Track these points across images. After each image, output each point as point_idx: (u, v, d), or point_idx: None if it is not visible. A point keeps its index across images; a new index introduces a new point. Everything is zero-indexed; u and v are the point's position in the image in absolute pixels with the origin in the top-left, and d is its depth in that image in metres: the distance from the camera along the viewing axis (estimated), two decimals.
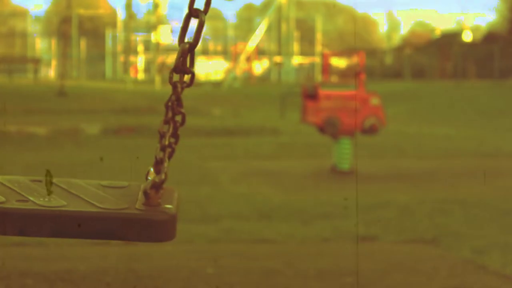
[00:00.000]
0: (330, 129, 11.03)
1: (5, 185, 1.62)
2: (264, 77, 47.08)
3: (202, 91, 33.94)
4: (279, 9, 47.14)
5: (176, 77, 1.72)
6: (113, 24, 50.28)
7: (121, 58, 48.54)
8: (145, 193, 1.58)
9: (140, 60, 49.52)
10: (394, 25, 69.30)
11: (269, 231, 6.38)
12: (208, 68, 48.42)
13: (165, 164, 1.64)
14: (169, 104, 1.75)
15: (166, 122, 1.74)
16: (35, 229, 1.52)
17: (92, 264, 5.01)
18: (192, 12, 1.71)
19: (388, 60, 48.31)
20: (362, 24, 63.08)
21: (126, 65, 44.67)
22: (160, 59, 43.49)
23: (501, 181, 9.71)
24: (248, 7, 64.69)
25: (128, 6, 46.72)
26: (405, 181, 9.76)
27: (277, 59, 47.92)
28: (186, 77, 1.72)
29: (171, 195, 1.64)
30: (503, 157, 12.55)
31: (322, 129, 11.31)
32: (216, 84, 40.37)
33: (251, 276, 4.77)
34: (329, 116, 11.09)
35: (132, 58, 44.06)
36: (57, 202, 1.56)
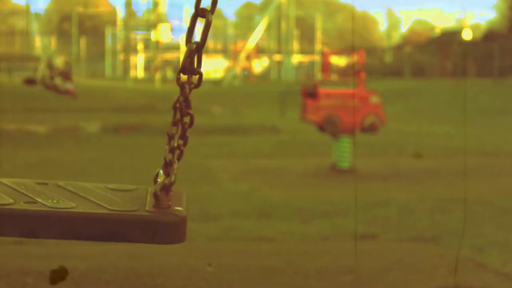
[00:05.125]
0: (330, 127, 11.03)
1: (12, 188, 1.61)
2: (264, 76, 47.09)
3: (202, 90, 33.86)
4: (279, 7, 47.14)
5: (183, 78, 1.69)
6: (113, 23, 50.28)
7: (121, 56, 48.55)
8: (155, 195, 1.57)
9: (139, 58, 49.51)
10: (394, 23, 69.29)
11: (269, 230, 6.38)
12: (208, 67, 48.42)
13: (175, 166, 1.65)
14: (177, 105, 1.69)
15: (174, 123, 1.69)
16: (44, 230, 1.50)
17: (92, 262, 5.01)
18: (199, 12, 1.68)
19: (388, 58, 48.30)
20: (362, 22, 63.05)
21: (126, 64, 44.63)
22: (159, 58, 43.46)
23: (500, 180, 9.71)
24: (248, 6, 64.69)
25: (128, 4, 46.70)
26: (405, 179, 9.76)
27: (277, 57, 47.91)
28: (194, 78, 1.70)
29: (180, 198, 1.64)
30: (503, 155, 12.56)
31: (322, 127, 11.31)
32: (216, 83, 40.37)
33: (251, 274, 4.77)
34: (329, 114, 11.09)
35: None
36: (65, 204, 1.54)
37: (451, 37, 46.42)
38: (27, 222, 1.49)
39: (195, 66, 1.68)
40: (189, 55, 1.67)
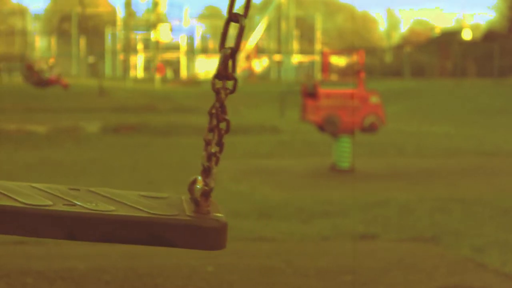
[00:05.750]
0: (329, 127, 11.03)
1: (47, 192, 1.58)
2: (264, 75, 47.12)
3: (202, 90, 33.94)
4: (279, 7, 47.18)
5: (219, 84, 1.68)
6: (113, 23, 50.30)
7: (121, 57, 48.56)
8: (195, 201, 1.57)
9: (139, 58, 49.53)
10: (394, 24, 69.30)
11: (268, 230, 6.38)
12: (208, 67, 48.40)
13: (214, 172, 1.63)
14: (213, 111, 1.69)
15: (211, 129, 1.69)
16: (85, 232, 1.48)
17: (92, 262, 5.01)
18: (232, 17, 1.67)
19: (388, 58, 48.32)
20: (362, 23, 63.08)
21: (126, 64, 44.63)
22: (159, 58, 43.46)
23: (500, 180, 9.71)
24: None
25: (128, 5, 46.71)
26: (405, 179, 9.76)
27: (277, 57, 47.90)
28: (229, 83, 1.69)
29: (216, 205, 1.63)
30: (503, 155, 12.56)
31: (321, 127, 11.31)
32: None
33: (250, 274, 4.77)
34: (329, 115, 11.09)
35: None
36: (105, 207, 1.52)
37: (451, 37, 46.44)
38: (67, 224, 1.47)
39: (230, 71, 1.67)
40: (224, 61, 1.66)
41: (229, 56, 1.67)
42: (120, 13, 50.22)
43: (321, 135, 12.03)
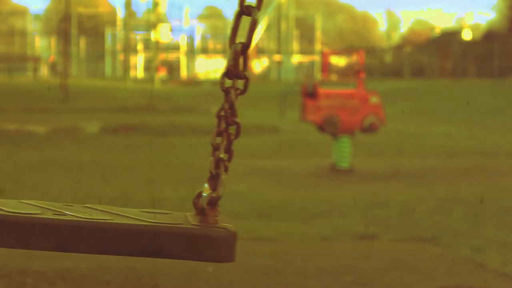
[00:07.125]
0: (329, 127, 11.03)
1: (37, 206, 1.45)
2: (264, 76, 47.10)
3: (202, 90, 33.96)
4: (279, 7, 47.17)
5: (228, 83, 1.54)
6: (113, 23, 50.30)
7: (121, 57, 48.56)
8: (201, 209, 1.46)
9: (139, 59, 49.53)
10: (393, 24, 69.29)
11: (268, 230, 6.37)
12: (208, 67, 48.41)
13: (222, 178, 1.51)
14: (222, 113, 1.55)
15: (219, 134, 1.55)
16: (76, 243, 1.36)
17: (92, 262, 5.01)
18: (244, 9, 1.54)
19: (388, 58, 48.32)
20: (362, 23, 63.06)
21: (126, 64, 44.65)
22: (159, 58, 43.48)
23: (500, 180, 9.71)
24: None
25: (128, 5, 46.69)
26: (405, 179, 9.76)
27: (277, 57, 47.89)
28: (239, 82, 1.54)
29: (221, 217, 1.50)
30: (503, 155, 12.55)
31: (321, 127, 11.31)
32: (216, 83, 40.32)
33: (250, 275, 4.77)
34: (329, 115, 11.08)
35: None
36: (100, 216, 1.39)
37: (451, 37, 46.45)
38: (56, 234, 1.35)
39: (241, 69, 1.53)
40: (234, 57, 1.52)
41: (240, 52, 1.53)
42: (120, 13, 50.24)
43: (321, 135, 12.03)
